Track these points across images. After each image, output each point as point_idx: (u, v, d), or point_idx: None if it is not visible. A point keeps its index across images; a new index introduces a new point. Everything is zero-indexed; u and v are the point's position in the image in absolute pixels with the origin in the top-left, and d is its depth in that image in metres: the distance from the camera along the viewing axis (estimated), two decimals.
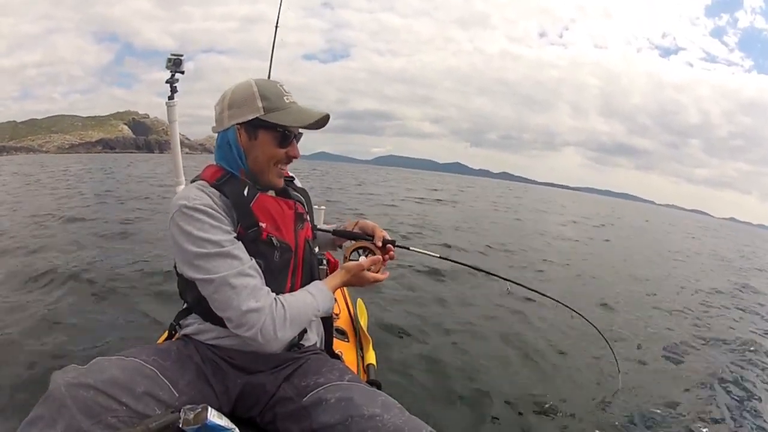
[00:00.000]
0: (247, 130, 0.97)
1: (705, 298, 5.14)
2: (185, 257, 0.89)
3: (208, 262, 0.87)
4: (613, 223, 17.61)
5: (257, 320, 0.86)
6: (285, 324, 0.89)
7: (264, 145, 0.98)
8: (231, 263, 0.88)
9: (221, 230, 0.90)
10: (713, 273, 7.58)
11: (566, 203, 32.89)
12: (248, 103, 0.96)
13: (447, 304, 3.45)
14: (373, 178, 31.41)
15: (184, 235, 0.88)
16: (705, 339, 3.46)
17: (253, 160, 0.99)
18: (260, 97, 0.96)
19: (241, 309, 0.86)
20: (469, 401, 2.07)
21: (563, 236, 9.76)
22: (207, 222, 0.89)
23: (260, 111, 0.95)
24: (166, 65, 2.10)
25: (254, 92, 0.96)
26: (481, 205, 16.78)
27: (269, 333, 0.87)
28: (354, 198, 12.71)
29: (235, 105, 0.97)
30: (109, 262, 3.72)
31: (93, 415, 0.74)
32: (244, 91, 0.97)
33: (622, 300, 4.41)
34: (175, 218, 0.90)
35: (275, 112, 0.96)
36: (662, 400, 2.31)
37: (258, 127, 0.97)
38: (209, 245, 0.88)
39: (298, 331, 0.96)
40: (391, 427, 0.80)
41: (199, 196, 0.92)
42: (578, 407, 2.15)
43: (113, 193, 9.42)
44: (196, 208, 0.89)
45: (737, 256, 12.15)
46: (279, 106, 0.97)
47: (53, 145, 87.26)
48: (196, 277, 0.89)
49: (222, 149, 1.01)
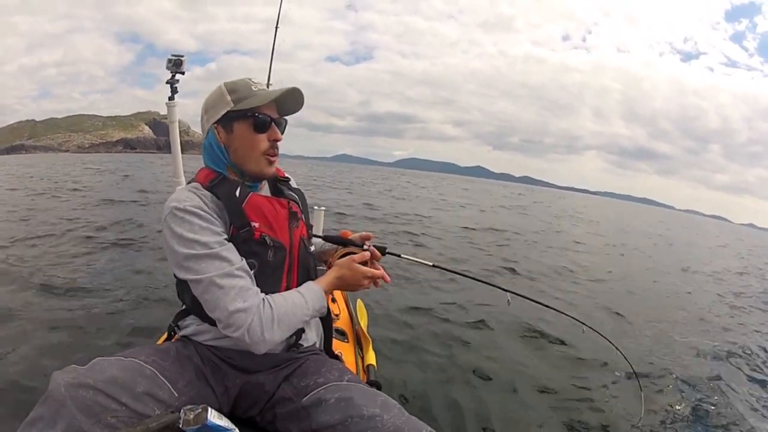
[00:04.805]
0: (224, 126, 1.00)
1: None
2: (175, 258, 0.90)
3: (197, 263, 0.88)
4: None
5: (244, 321, 0.86)
6: (272, 325, 0.89)
7: (241, 135, 0.99)
8: (219, 264, 0.88)
9: (211, 231, 0.91)
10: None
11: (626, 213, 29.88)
12: (219, 101, 1.00)
13: (448, 307, 3.46)
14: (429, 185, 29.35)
15: (174, 237, 0.89)
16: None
17: (234, 152, 1.00)
18: (228, 92, 0.99)
19: (228, 309, 0.86)
20: (469, 401, 2.07)
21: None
22: (197, 223, 0.90)
23: (230, 104, 0.98)
24: (167, 66, 2.10)
25: (223, 90, 1.00)
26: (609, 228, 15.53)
27: (256, 334, 0.87)
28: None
29: (209, 107, 1.01)
30: (109, 262, 3.72)
31: (93, 415, 0.74)
32: (215, 92, 1.01)
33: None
34: (167, 220, 0.91)
35: (244, 100, 0.98)
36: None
37: (232, 120, 0.99)
38: (198, 246, 0.88)
39: (289, 332, 0.95)
40: (390, 428, 0.80)
41: (189, 197, 0.93)
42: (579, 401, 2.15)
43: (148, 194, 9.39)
44: (186, 210, 0.90)
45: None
46: (247, 95, 0.99)
47: (73, 144, 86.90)
48: (185, 277, 0.90)
49: (207, 152, 1.03)
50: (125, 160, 31.82)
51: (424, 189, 25.63)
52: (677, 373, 2.68)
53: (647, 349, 3.11)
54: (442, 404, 2.03)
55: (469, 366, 2.46)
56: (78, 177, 13.93)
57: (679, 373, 2.69)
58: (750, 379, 2.84)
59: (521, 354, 2.74)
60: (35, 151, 75.95)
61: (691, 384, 2.57)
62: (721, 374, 2.76)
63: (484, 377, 2.36)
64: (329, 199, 11.64)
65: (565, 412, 2.10)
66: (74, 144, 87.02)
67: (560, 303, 3.98)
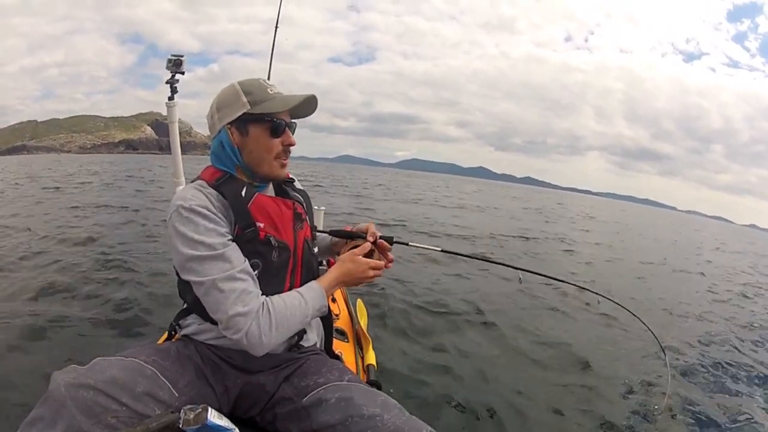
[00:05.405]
0: (238, 128, 0.98)
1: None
2: (179, 258, 0.90)
3: (200, 264, 0.88)
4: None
5: (243, 325, 0.86)
6: (271, 330, 0.89)
7: (257, 138, 0.98)
8: (222, 266, 0.88)
9: (216, 232, 0.90)
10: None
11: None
12: (234, 102, 0.97)
13: (448, 305, 3.45)
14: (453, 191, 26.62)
15: (179, 236, 0.89)
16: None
17: (248, 154, 0.99)
18: (244, 93, 0.97)
19: (228, 313, 0.86)
20: (469, 401, 2.07)
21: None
22: (202, 224, 0.89)
23: (246, 106, 0.96)
24: (167, 66, 2.10)
25: (238, 90, 0.98)
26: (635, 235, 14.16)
27: (255, 338, 0.87)
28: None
29: (223, 107, 0.99)
30: (110, 263, 3.72)
31: (93, 415, 0.74)
32: (228, 92, 0.99)
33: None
34: (173, 219, 0.90)
35: (261, 104, 0.97)
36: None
37: (247, 122, 0.98)
38: (202, 248, 0.88)
39: (289, 334, 0.95)
40: (391, 427, 0.80)
41: (196, 196, 0.92)
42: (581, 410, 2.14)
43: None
44: (192, 209, 0.89)
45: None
46: (264, 98, 0.97)
47: (75, 145, 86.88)
48: (188, 278, 0.90)
49: (216, 152, 1.01)
50: (125, 162, 31.37)
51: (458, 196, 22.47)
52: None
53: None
54: (442, 404, 2.03)
55: (471, 365, 2.45)
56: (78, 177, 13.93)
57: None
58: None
59: (521, 354, 2.73)
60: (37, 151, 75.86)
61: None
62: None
63: (484, 377, 2.35)
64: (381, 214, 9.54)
65: (571, 412, 2.09)
66: (76, 145, 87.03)
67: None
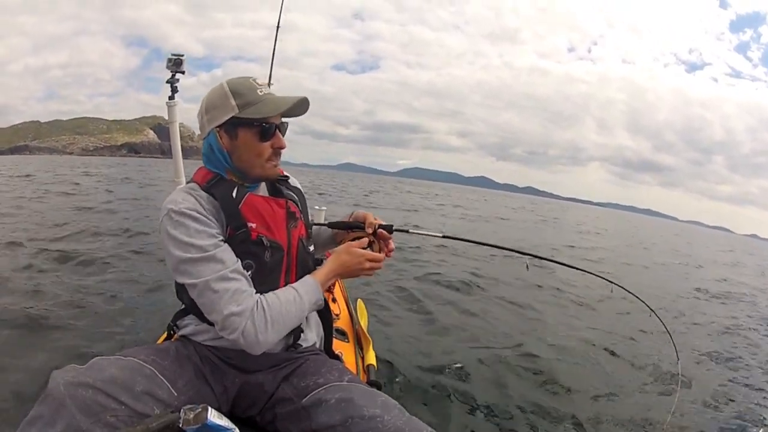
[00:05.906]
0: (227, 131, 0.97)
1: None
2: (172, 261, 0.90)
3: (193, 266, 0.88)
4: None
5: (238, 324, 0.86)
6: (266, 327, 0.88)
7: (246, 143, 0.97)
8: (214, 267, 0.88)
9: (206, 234, 0.90)
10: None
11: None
12: (222, 104, 0.95)
13: (449, 305, 3.45)
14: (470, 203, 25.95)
15: (170, 240, 0.89)
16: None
17: (238, 158, 0.98)
18: (233, 95, 0.95)
19: (223, 313, 0.86)
20: (470, 401, 2.07)
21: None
22: (192, 227, 0.89)
23: (235, 109, 0.94)
24: (167, 65, 2.09)
25: (226, 92, 0.95)
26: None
27: (251, 336, 0.87)
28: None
29: (211, 108, 0.97)
30: (108, 262, 3.71)
31: (92, 414, 0.73)
32: (216, 93, 0.97)
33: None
34: (164, 223, 0.91)
35: (250, 107, 0.95)
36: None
37: (236, 126, 0.96)
38: (194, 250, 0.88)
39: (286, 330, 0.95)
40: (391, 428, 0.80)
41: (186, 199, 0.92)
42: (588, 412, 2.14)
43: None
44: (182, 212, 0.89)
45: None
46: (253, 100, 0.95)
47: (77, 146, 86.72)
48: (182, 281, 0.90)
49: (206, 155, 1.01)
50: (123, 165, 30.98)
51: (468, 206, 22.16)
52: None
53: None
54: (443, 404, 2.02)
55: (471, 365, 2.44)
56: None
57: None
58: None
59: (522, 354, 2.72)
60: (39, 152, 75.82)
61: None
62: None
63: (485, 376, 2.35)
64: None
65: (583, 412, 2.07)
66: (78, 147, 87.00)
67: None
